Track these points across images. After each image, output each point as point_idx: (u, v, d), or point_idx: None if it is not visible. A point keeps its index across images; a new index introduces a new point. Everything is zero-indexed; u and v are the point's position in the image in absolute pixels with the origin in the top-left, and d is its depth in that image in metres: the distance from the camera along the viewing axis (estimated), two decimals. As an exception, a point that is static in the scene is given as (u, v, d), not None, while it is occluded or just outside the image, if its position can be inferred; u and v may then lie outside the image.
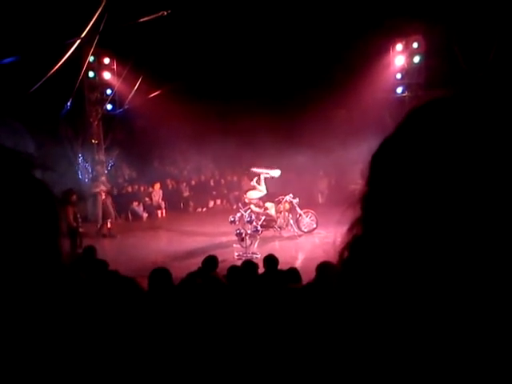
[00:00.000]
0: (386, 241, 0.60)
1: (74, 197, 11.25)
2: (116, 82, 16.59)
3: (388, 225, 0.60)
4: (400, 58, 16.91)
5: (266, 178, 12.67)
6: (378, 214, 0.63)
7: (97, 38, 12.02)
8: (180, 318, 3.27)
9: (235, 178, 20.18)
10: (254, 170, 12.86)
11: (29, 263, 0.70)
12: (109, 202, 14.44)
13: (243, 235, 11.08)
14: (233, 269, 5.41)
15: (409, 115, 0.64)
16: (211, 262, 6.20)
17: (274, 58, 16.69)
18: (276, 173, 12.73)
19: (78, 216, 11.41)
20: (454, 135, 0.57)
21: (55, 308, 0.75)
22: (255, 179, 12.68)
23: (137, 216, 17.08)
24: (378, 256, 0.61)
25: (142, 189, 18.39)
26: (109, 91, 16.94)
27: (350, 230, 0.69)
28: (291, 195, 12.76)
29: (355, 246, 0.67)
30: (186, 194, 19.63)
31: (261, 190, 12.55)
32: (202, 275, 5.51)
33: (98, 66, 16.70)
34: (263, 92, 18.48)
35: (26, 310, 0.69)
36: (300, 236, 12.60)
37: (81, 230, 11.36)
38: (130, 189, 18.25)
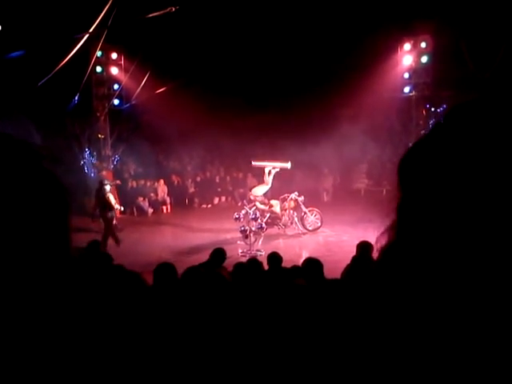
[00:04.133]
0: (419, 246, 0.60)
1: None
2: (123, 78, 16.63)
3: (422, 230, 0.60)
4: (408, 58, 16.85)
5: (275, 173, 12.65)
6: (412, 218, 0.62)
7: (105, 33, 12.02)
8: (185, 313, 3.29)
9: (240, 175, 20.19)
10: (255, 164, 12.88)
11: (38, 254, 0.71)
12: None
13: (247, 232, 11.08)
14: (239, 266, 5.41)
15: (441, 119, 0.64)
16: (219, 254, 6.21)
17: (280, 56, 16.66)
18: (287, 165, 12.73)
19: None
20: (488, 141, 0.57)
21: (61, 300, 0.76)
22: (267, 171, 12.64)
23: (142, 211, 17.12)
24: (411, 261, 0.61)
25: (147, 184, 18.42)
26: (116, 86, 16.99)
27: (384, 233, 0.68)
28: (296, 193, 12.75)
29: (389, 251, 0.67)
30: (191, 190, 19.66)
31: (266, 184, 12.57)
32: (209, 267, 5.52)
33: (105, 61, 16.74)
34: (270, 89, 18.46)
35: (32, 302, 0.70)
36: (304, 234, 12.59)
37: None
38: (135, 184, 18.30)
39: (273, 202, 12.56)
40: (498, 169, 0.54)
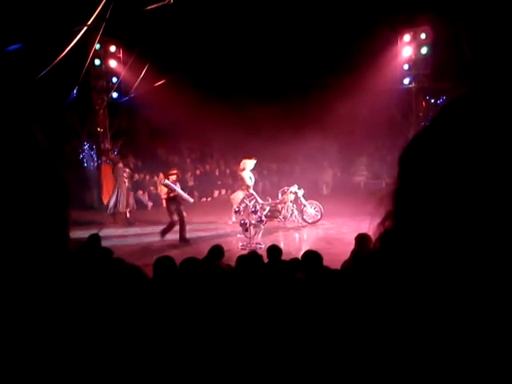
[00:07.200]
0: (416, 234, 0.61)
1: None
2: (122, 70, 16.57)
3: (419, 219, 0.61)
4: (407, 49, 16.79)
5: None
6: (410, 208, 0.64)
7: (103, 25, 11.97)
8: (185, 306, 3.29)
9: (240, 168, 20.18)
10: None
11: (37, 247, 0.71)
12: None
13: (247, 225, 11.08)
14: (243, 258, 5.40)
15: (441, 112, 0.65)
16: (217, 251, 6.21)
17: (280, 48, 16.60)
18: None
19: None
20: (487, 132, 0.57)
21: (60, 293, 0.76)
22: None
23: (142, 205, 17.11)
24: (408, 249, 0.62)
25: (147, 177, 18.40)
26: (114, 79, 16.93)
27: (381, 222, 0.69)
28: (296, 186, 12.75)
29: (386, 239, 0.68)
30: (191, 183, 19.64)
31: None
32: (207, 264, 5.52)
33: (104, 54, 16.67)
34: (269, 82, 18.41)
35: (29, 295, 0.70)
36: (304, 227, 12.60)
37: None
38: (135, 177, 18.28)
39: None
40: (497, 160, 0.55)
